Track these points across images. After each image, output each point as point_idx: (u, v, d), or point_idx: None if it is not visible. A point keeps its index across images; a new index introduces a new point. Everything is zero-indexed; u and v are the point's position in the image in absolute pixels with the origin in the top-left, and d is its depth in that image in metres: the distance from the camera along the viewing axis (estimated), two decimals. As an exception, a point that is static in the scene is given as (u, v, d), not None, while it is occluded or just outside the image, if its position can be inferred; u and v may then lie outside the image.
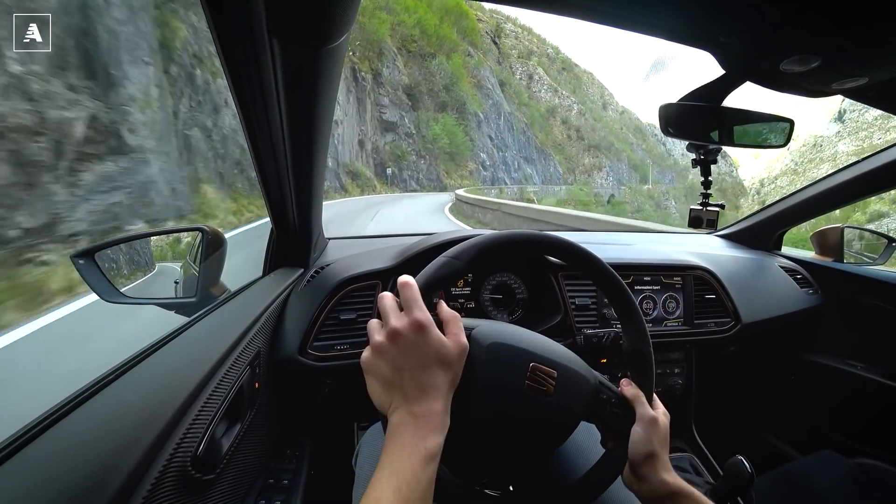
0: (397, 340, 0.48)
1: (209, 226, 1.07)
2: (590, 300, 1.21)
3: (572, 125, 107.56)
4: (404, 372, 0.48)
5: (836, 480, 1.04)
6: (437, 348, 0.49)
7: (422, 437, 0.45)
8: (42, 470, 0.40)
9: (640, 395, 0.64)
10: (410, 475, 0.42)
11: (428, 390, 0.47)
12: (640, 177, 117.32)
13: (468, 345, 0.52)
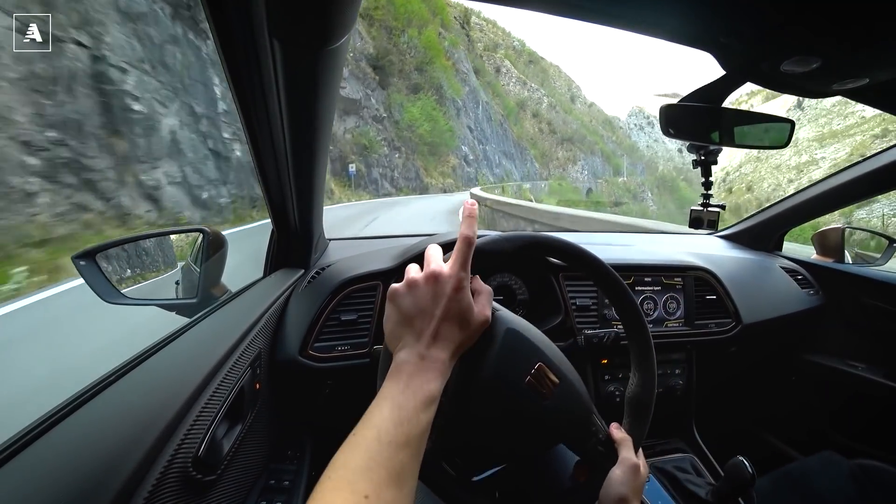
0: (432, 284, 0.50)
1: (210, 227, 1.07)
2: (590, 301, 1.20)
3: (543, 118, 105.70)
4: (426, 314, 0.49)
5: (837, 481, 1.04)
6: (464, 307, 0.50)
7: (426, 380, 0.45)
8: (43, 471, 0.40)
9: (629, 440, 0.64)
10: (412, 412, 0.43)
11: (441, 340, 0.48)
12: (612, 169, 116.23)
13: (490, 318, 0.54)
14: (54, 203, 6.54)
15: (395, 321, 0.51)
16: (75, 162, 7.04)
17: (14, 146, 6.11)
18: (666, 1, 0.45)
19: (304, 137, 0.73)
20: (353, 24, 0.50)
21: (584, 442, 0.61)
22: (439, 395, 0.46)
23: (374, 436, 0.40)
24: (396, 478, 0.39)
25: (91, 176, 7.30)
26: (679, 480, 1.12)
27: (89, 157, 7.31)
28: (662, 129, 0.81)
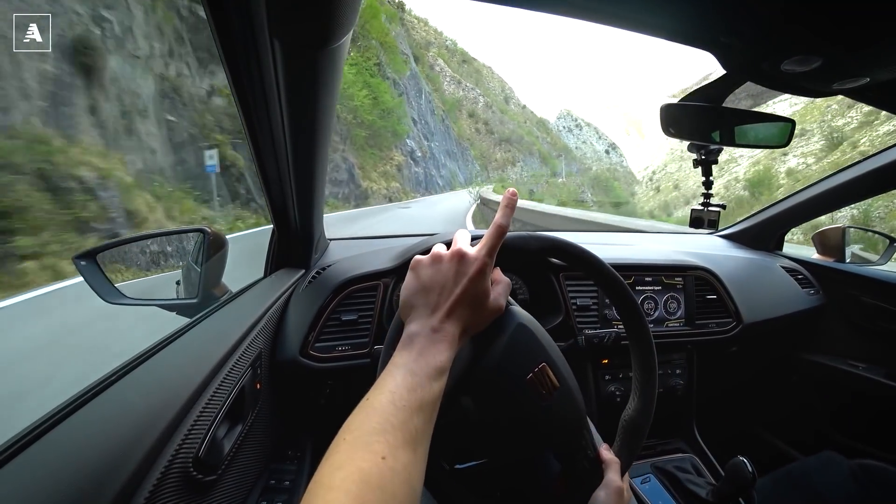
0: (456, 262, 0.51)
1: (210, 227, 1.07)
2: (591, 301, 1.20)
3: (480, 118, 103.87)
4: (444, 289, 0.50)
5: (838, 481, 1.04)
6: (482, 292, 0.51)
7: (437, 351, 0.46)
8: (44, 471, 0.40)
9: (617, 463, 0.63)
10: (425, 379, 0.44)
11: (453, 316, 0.49)
12: (550, 170, 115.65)
13: (503, 309, 0.54)
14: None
15: (413, 290, 0.52)
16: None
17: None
18: (666, 1, 0.45)
19: (305, 137, 0.73)
20: (353, 24, 0.50)
21: (572, 454, 0.61)
22: (448, 368, 0.47)
23: (388, 400, 0.41)
24: (412, 441, 0.39)
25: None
26: (680, 480, 1.12)
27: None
28: (663, 128, 0.81)
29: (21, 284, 5.53)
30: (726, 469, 0.84)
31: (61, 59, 8.18)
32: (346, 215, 16.92)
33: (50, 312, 4.73)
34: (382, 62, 34.42)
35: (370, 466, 0.35)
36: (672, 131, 0.81)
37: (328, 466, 0.36)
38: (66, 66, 8.29)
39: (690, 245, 1.66)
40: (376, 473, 0.35)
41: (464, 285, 0.49)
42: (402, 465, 0.37)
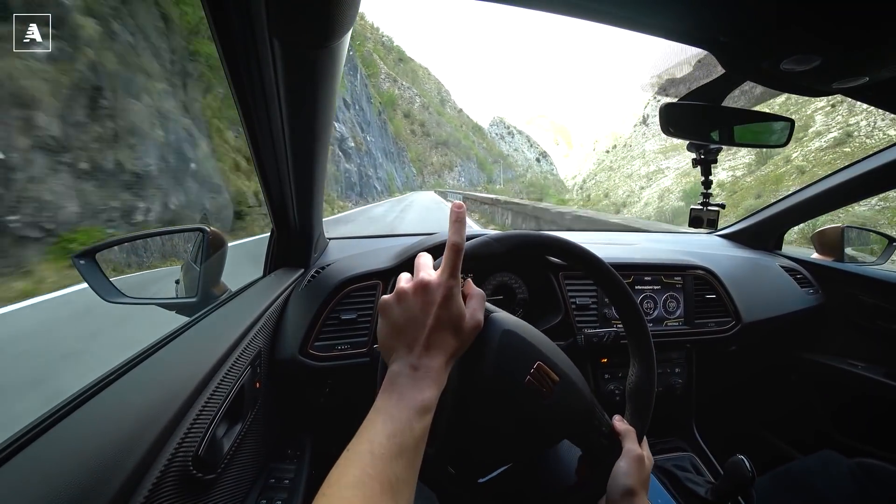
0: (421, 294, 0.49)
1: (209, 226, 1.07)
2: (590, 300, 1.21)
3: (416, 119, 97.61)
4: (417, 324, 0.49)
5: (837, 480, 1.04)
6: (455, 315, 0.50)
7: (419, 389, 0.45)
8: (43, 469, 0.40)
9: (632, 431, 0.64)
10: (405, 423, 0.43)
11: (432, 348, 0.48)
12: (487, 176, 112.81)
13: (482, 323, 0.53)
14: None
15: (387, 333, 0.51)
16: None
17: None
18: (665, 0, 0.45)
19: (304, 136, 0.73)
20: (352, 24, 0.50)
21: (588, 436, 0.62)
22: (434, 403, 0.46)
23: (367, 449, 0.41)
24: (391, 489, 0.39)
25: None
26: (679, 479, 1.12)
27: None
28: (662, 127, 0.81)
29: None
30: (725, 468, 0.84)
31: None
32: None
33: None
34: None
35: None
36: (671, 130, 0.81)
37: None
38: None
39: (689, 244, 1.67)
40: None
41: (434, 314, 0.49)
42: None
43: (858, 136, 23.11)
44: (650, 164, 59.47)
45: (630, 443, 0.62)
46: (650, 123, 73.46)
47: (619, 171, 70.54)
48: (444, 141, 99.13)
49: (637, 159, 66.80)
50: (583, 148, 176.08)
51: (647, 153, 65.81)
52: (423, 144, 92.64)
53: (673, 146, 58.52)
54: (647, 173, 56.37)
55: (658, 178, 48.94)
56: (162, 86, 10.39)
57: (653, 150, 65.35)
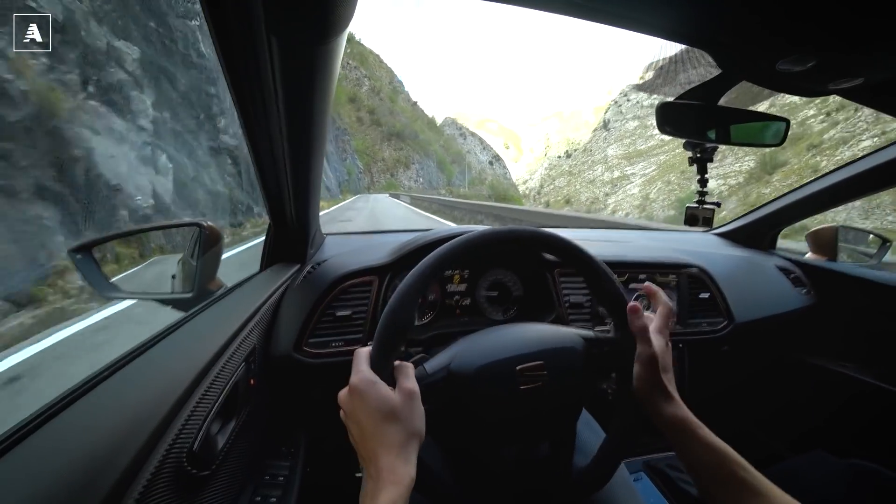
0: (352, 401, 0.52)
1: (205, 221, 1.06)
2: (584, 298, 1.21)
3: (364, 105, 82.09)
4: (363, 428, 0.50)
5: (828, 480, 1.05)
6: (379, 403, 0.50)
7: (373, 496, 0.46)
8: (38, 465, 0.40)
9: (646, 329, 0.63)
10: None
11: (381, 446, 0.49)
12: (446, 178, 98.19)
13: (416, 390, 0.53)
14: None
15: (355, 445, 0.52)
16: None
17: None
18: (663, 0, 0.45)
19: (301, 133, 0.73)
20: (349, 21, 0.50)
21: (605, 365, 0.64)
22: (396, 501, 0.46)
23: None
24: None
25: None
26: (671, 479, 1.12)
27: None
28: (659, 126, 0.81)
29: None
30: None
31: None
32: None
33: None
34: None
35: None
36: (668, 129, 0.81)
37: None
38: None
39: (684, 243, 1.67)
40: None
41: (366, 412, 0.50)
42: None
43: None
44: (614, 169, 59.17)
45: (641, 344, 0.62)
46: (611, 128, 73.19)
47: (579, 177, 69.90)
48: (397, 132, 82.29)
49: (599, 164, 66.22)
50: (532, 153, 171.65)
51: (610, 158, 65.23)
52: (372, 135, 77.02)
53: (637, 152, 58.08)
54: (612, 179, 56.04)
55: (623, 183, 48.82)
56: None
57: (615, 156, 64.57)
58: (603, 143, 73.22)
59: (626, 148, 64.33)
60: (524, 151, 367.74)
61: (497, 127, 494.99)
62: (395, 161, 77.52)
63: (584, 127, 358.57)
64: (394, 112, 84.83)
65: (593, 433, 0.88)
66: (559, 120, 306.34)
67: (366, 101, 76.06)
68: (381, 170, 71.43)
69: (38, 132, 6.89)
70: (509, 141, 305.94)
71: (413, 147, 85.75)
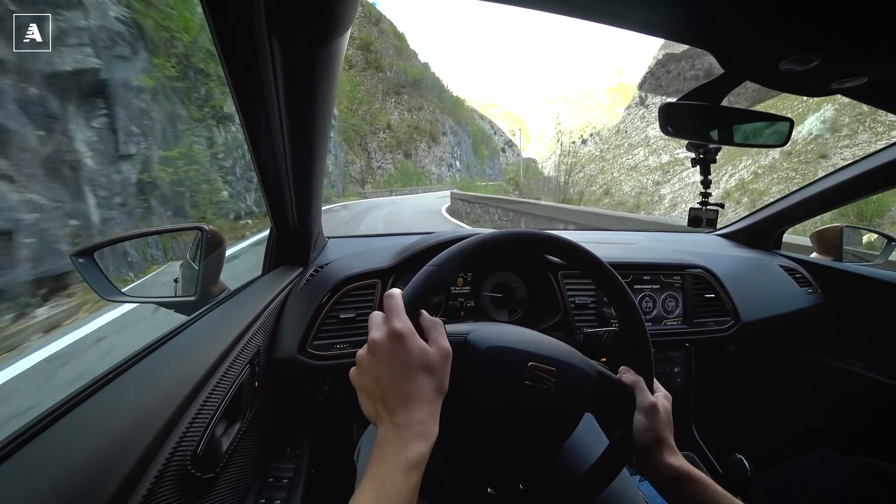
0: (376, 352, 0.48)
1: (208, 225, 1.07)
2: (589, 299, 1.21)
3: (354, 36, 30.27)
4: (385, 382, 0.48)
5: (836, 479, 1.04)
6: (417, 355, 0.48)
7: (403, 447, 0.45)
8: (41, 469, 0.40)
9: (640, 381, 0.64)
10: (390, 485, 0.42)
11: (411, 399, 0.47)
12: (479, 164, 74.35)
13: (450, 350, 0.52)
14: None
15: (366, 403, 0.50)
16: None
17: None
18: (665, 0, 0.45)
19: (303, 136, 0.73)
20: (350, 23, 0.50)
21: (603, 401, 0.62)
22: (423, 457, 0.46)
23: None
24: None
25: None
26: None
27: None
28: (661, 127, 0.81)
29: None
30: (724, 467, 0.84)
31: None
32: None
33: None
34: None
35: None
36: (670, 130, 0.81)
37: None
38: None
39: (689, 244, 1.67)
40: None
41: (397, 363, 0.48)
42: None
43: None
44: (661, 153, 50.95)
45: (640, 393, 0.63)
46: (650, 105, 62.20)
47: (615, 162, 59.78)
48: (413, 80, 55.37)
49: (640, 147, 57.00)
50: (541, 139, 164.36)
51: (653, 140, 56.12)
52: (368, 86, 49.10)
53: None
54: (661, 164, 47.88)
55: (677, 170, 42.58)
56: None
57: (660, 137, 54.00)
58: (641, 122, 63.48)
59: None
60: (532, 138, 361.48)
61: (502, 112, 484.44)
62: (412, 129, 49.08)
63: (598, 108, 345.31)
64: (403, 53, 57.00)
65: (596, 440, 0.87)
66: (568, 103, 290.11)
67: (357, 34, 45.41)
68: (385, 146, 43.87)
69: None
70: (515, 126, 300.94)
71: (440, 107, 57.58)
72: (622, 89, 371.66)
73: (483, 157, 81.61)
